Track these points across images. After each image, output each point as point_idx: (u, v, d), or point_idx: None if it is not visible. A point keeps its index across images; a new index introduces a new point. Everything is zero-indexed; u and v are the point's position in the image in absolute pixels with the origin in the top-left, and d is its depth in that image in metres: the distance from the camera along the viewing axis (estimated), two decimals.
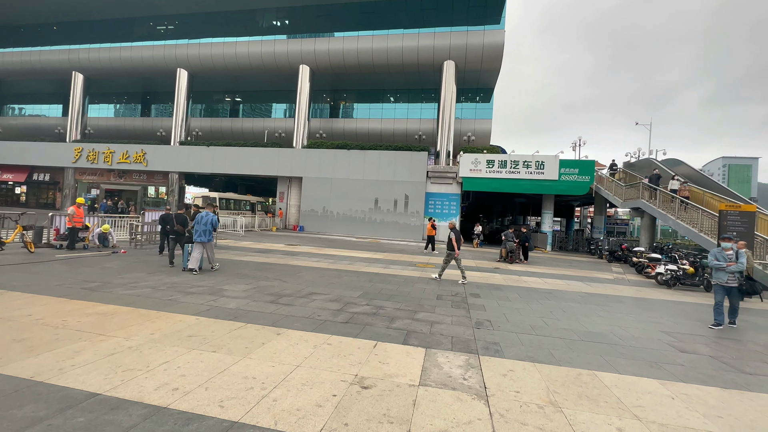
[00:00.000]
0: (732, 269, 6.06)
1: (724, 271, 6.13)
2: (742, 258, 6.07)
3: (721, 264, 6.14)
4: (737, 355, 4.74)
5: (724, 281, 6.15)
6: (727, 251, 6.22)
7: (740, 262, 6.04)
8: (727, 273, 6.12)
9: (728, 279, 6.13)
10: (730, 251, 6.20)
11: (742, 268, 6.13)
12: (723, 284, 6.17)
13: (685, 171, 19.40)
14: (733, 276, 6.14)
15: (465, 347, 4.32)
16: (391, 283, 8.26)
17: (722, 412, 3.15)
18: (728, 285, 6.13)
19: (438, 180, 23.62)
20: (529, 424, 2.72)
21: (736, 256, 6.11)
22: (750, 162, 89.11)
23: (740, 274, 6.27)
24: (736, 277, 6.18)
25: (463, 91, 31.13)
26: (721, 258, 6.19)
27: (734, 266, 6.05)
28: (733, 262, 6.07)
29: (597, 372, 3.83)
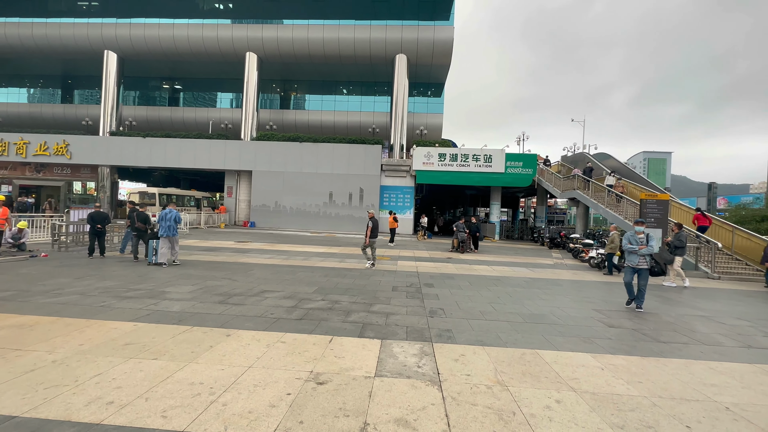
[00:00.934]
0: (643, 252, 6.17)
1: (636, 254, 6.24)
2: (652, 241, 6.23)
3: (633, 247, 6.23)
4: (654, 327, 5.38)
5: (635, 263, 6.25)
6: (639, 235, 6.33)
7: (651, 245, 6.20)
8: (638, 256, 6.24)
9: (639, 261, 6.23)
10: (642, 235, 6.32)
11: (653, 251, 6.23)
12: (634, 266, 6.28)
13: (613, 164, 21.43)
14: (644, 258, 6.23)
15: (419, 336, 4.44)
16: (346, 277, 8.23)
17: (642, 377, 3.56)
18: (639, 267, 6.24)
19: (392, 173, 23.86)
20: (478, 404, 2.87)
21: (647, 239, 6.26)
22: (665, 156, 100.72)
23: (650, 257, 6.30)
24: (647, 260, 6.25)
25: (415, 85, 31.56)
26: (634, 241, 6.28)
27: (645, 249, 6.17)
28: (644, 245, 6.20)
29: (539, 350, 4.14)
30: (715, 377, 3.65)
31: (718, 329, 5.42)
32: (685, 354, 4.30)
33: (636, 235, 6.34)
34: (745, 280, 10.72)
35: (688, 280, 9.33)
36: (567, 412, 2.82)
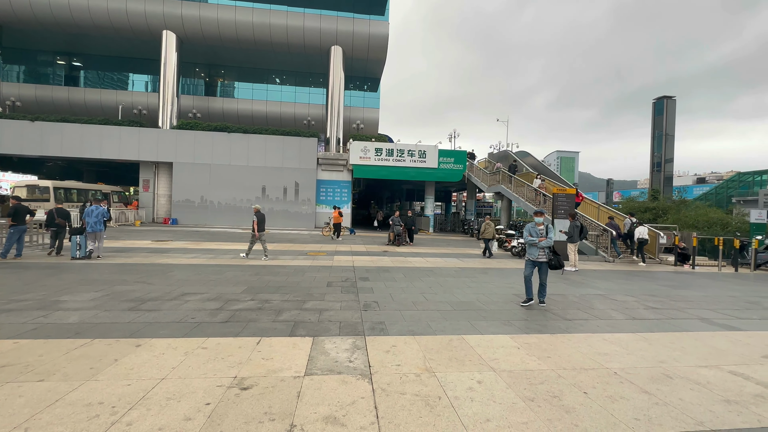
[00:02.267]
0: (542, 244, 5.82)
1: (536, 246, 5.89)
2: (551, 233, 5.92)
3: (533, 239, 5.89)
4: (562, 307, 6.05)
5: (535, 257, 5.91)
6: (539, 226, 6.03)
7: (549, 237, 5.87)
8: (538, 248, 5.90)
9: (539, 254, 5.88)
10: (542, 226, 6.03)
11: (551, 243, 5.91)
12: (534, 260, 5.94)
13: (531, 161, 23.61)
14: (543, 251, 5.89)
15: (352, 330, 4.44)
16: (279, 274, 7.92)
17: (551, 353, 3.97)
18: (538, 260, 5.90)
19: (329, 167, 23.48)
20: (407, 392, 2.95)
21: (546, 231, 5.95)
22: (574, 155, 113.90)
23: (549, 249, 5.96)
24: (546, 253, 5.92)
25: (351, 78, 31.34)
26: (535, 233, 5.96)
27: (544, 241, 5.82)
28: (543, 237, 5.88)
29: (465, 336, 4.40)
30: (607, 347, 4.22)
31: (611, 305, 6.28)
32: (586, 328, 4.91)
33: (536, 227, 6.01)
34: (633, 261, 12.61)
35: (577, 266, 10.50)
36: (487, 391, 3.04)
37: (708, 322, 5.46)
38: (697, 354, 4.11)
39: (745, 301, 7.06)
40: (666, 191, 25.25)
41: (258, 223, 10.08)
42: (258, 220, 10.10)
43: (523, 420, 2.62)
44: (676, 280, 9.27)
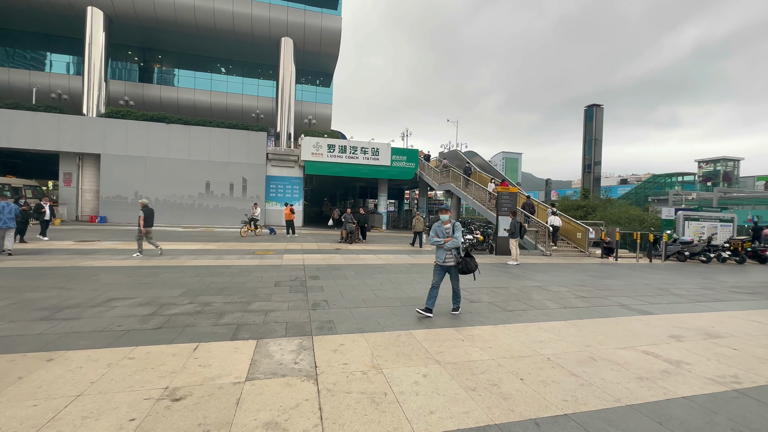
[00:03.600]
0: (449, 246, 5.04)
1: (442, 248, 5.11)
2: (457, 232, 5.13)
3: (439, 240, 5.10)
4: (504, 299, 6.40)
5: (442, 260, 5.13)
6: (446, 225, 5.22)
7: (456, 237, 5.10)
8: (444, 251, 5.10)
9: (446, 257, 5.11)
10: (449, 225, 5.22)
11: (458, 244, 5.12)
12: (441, 264, 5.15)
13: (479, 161, 24.72)
14: (450, 253, 5.13)
15: (299, 331, 4.32)
16: (223, 275, 7.48)
17: (492, 343, 4.18)
18: (445, 264, 5.14)
19: (279, 163, 22.70)
20: (353, 391, 2.92)
21: (453, 230, 5.16)
22: (518, 156, 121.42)
23: (457, 250, 5.18)
24: (454, 255, 5.16)
25: (303, 72, 30.54)
26: (441, 233, 5.15)
27: (450, 242, 5.04)
28: (449, 238, 5.09)
29: (413, 331, 4.47)
30: (542, 334, 4.53)
31: (546, 296, 6.77)
32: (524, 318, 5.23)
33: (442, 226, 5.19)
34: (567, 255, 13.74)
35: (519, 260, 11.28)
36: (431, 384, 3.11)
37: (627, 308, 6.10)
38: (616, 337, 4.57)
39: (656, 288, 8.00)
40: (595, 191, 27.88)
41: (145, 218, 9.48)
42: (145, 216, 9.50)
43: (465, 410, 2.72)
44: (602, 272, 10.24)
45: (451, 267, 5.19)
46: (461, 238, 5.22)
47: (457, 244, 5.11)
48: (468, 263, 5.16)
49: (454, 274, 5.25)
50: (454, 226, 5.19)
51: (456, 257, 5.17)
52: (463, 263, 5.16)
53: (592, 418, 2.69)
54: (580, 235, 14.44)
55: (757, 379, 3.49)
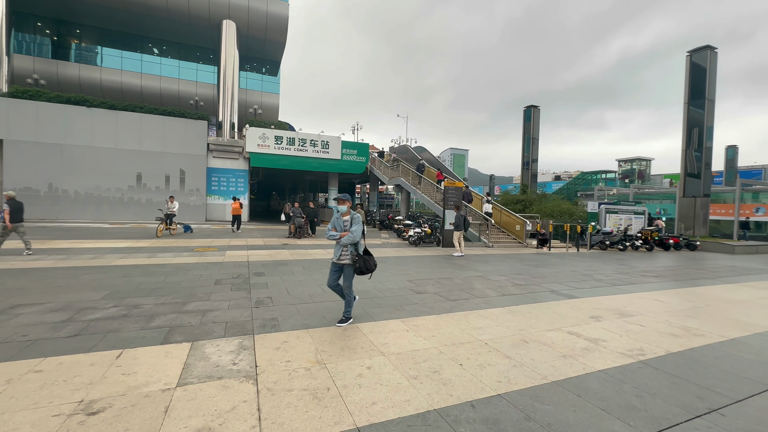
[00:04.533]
0: (345, 241, 4.38)
1: (338, 244, 4.46)
2: (355, 226, 4.45)
3: (334, 235, 4.47)
4: (448, 289, 6.67)
5: (337, 257, 4.50)
6: (344, 217, 4.55)
7: (353, 231, 4.42)
8: (341, 246, 4.46)
9: (341, 254, 4.46)
10: (347, 217, 4.55)
11: (356, 239, 4.43)
12: (336, 261, 4.51)
13: (428, 156, 25.36)
14: (346, 250, 4.46)
15: (240, 330, 4.12)
16: (155, 274, 6.90)
17: (435, 332, 4.33)
18: (341, 262, 4.48)
19: (222, 154, 21.36)
20: (294, 389, 2.86)
21: (351, 223, 4.50)
22: (465, 153, 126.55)
23: (355, 247, 4.49)
24: (350, 252, 4.46)
25: (248, 59, 28.96)
26: (339, 226, 4.53)
27: (346, 237, 4.38)
28: (346, 232, 4.44)
29: (358, 324, 4.49)
30: (481, 321, 4.80)
31: (487, 285, 7.17)
32: (466, 307, 5.49)
33: (340, 218, 4.56)
34: (508, 246, 14.66)
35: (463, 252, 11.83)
36: (375, 375, 3.14)
37: (556, 294, 6.66)
38: (546, 320, 4.98)
39: (581, 275, 8.84)
40: (532, 186, 30.01)
41: (11, 212, 8.37)
42: (11, 209, 8.40)
43: (406, 398, 2.79)
44: (536, 261, 11.08)
45: (345, 265, 4.51)
46: (361, 233, 4.51)
47: (355, 239, 4.42)
48: (367, 262, 4.50)
49: (347, 274, 4.51)
50: (353, 219, 4.52)
51: (352, 255, 4.48)
52: (360, 262, 4.46)
53: (522, 395, 2.90)
54: (518, 227, 15.47)
55: (657, 351, 4.01)
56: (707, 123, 19.08)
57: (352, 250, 4.48)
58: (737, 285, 8.31)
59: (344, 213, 4.57)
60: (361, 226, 4.51)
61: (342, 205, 4.55)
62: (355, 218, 4.51)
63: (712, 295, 7.08)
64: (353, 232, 4.42)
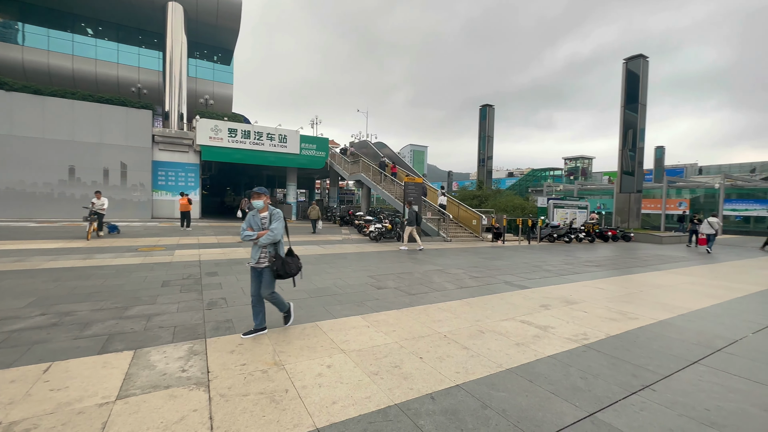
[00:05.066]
0: (263, 241, 3.80)
1: (256, 245, 3.88)
2: (275, 223, 3.89)
3: (251, 235, 3.85)
4: (408, 283, 6.75)
5: (255, 260, 3.92)
6: (262, 213, 3.95)
7: (273, 229, 3.83)
8: (258, 248, 3.89)
9: (260, 257, 3.90)
10: (265, 213, 3.95)
11: (276, 238, 3.85)
12: (255, 265, 3.92)
13: (388, 152, 25.47)
14: (265, 251, 3.91)
15: (190, 334, 3.87)
16: (92, 277, 6.29)
17: (396, 327, 4.36)
18: (260, 266, 3.90)
19: (170, 147, 19.97)
20: (250, 393, 2.73)
21: (270, 220, 3.91)
22: (424, 149, 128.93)
23: (275, 247, 3.93)
24: (269, 253, 3.90)
25: (197, 45, 27.22)
26: (256, 225, 3.92)
27: (265, 237, 3.80)
28: (264, 231, 3.85)
29: (318, 322, 4.40)
30: (440, 314, 4.91)
31: (446, 278, 7.36)
32: (426, 300, 5.59)
33: (257, 215, 3.96)
34: (465, 240, 15.16)
35: (422, 245, 12.11)
36: (335, 374, 3.09)
37: (510, 285, 6.99)
38: (500, 310, 5.20)
39: (532, 266, 9.36)
40: (488, 182, 31.27)
41: None
42: None
43: (367, 395, 2.77)
44: (492, 254, 11.57)
45: (264, 270, 3.92)
46: (282, 231, 3.94)
47: (275, 237, 3.84)
48: (287, 265, 3.93)
49: (266, 279, 3.91)
50: (273, 216, 3.94)
51: (270, 256, 3.89)
52: (278, 263, 3.87)
53: (479, 384, 3.00)
54: (475, 222, 16.05)
55: (598, 334, 4.34)
56: (640, 125, 20.96)
57: (271, 251, 3.91)
58: (664, 272, 9.24)
59: (261, 209, 3.97)
60: (282, 223, 3.96)
61: (257, 200, 3.94)
62: (274, 214, 3.96)
63: (644, 282, 7.81)
64: (273, 230, 3.83)
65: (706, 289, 7.26)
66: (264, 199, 3.97)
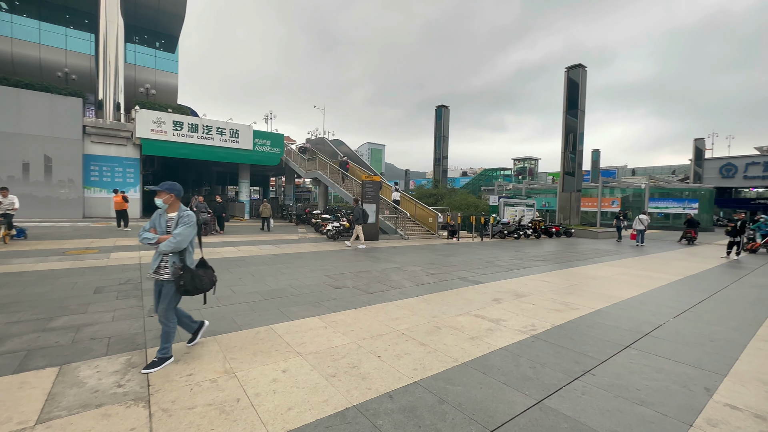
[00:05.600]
0: (163, 248, 3.07)
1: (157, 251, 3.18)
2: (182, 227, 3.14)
3: (149, 239, 3.12)
4: (367, 282, 6.73)
5: (153, 270, 3.23)
6: (169, 214, 3.25)
7: (176, 234, 3.09)
8: (159, 255, 3.18)
9: (160, 266, 3.19)
10: (172, 214, 3.25)
11: (179, 245, 3.10)
12: (153, 276, 3.23)
13: (346, 150, 25.26)
14: (166, 261, 3.18)
15: (128, 345, 3.54)
16: (6, 286, 5.53)
17: (354, 326, 4.31)
18: (161, 278, 3.20)
19: (104, 139, 18.20)
20: (197, 405, 2.55)
21: (177, 223, 3.17)
22: (382, 147, 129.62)
23: (179, 256, 3.20)
24: (171, 264, 3.16)
25: (137, 30, 25.05)
26: (161, 227, 3.20)
27: (165, 243, 3.07)
28: (167, 236, 3.13)
29: (273, 325, 4.23)
30: (398, 312, 4.94)
31: (403, 276, 7.44)
32: (384, 299, 5.60)
33: (163, 216, 3.25)
34: (422, 237, 15.45)
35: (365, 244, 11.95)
36: (291, 378, 2.98)
37: (464, 280, 7.23)
38: (456, 306, 5.36)
39: (485, 262, 9.77)
40: (443, 181, 32.18)
41: None
42: None
43: (324, 398, 2.70)
44: (447, 251, 11.91)
45: (165, 283, 3.20)
46: (189, 238, 3.20)
47: (178, 245, 3.10)
48: (196, 277, 3.24)
49: (166, 293, 3.21)
50: (180, 218, 3.20)
51: (175, 267, 3.17)
52: (186, 277, 3.16)
53: (436, 380, 3.05)
54: (431, 220, 16.43)
55: (545, 325, 4.62)
56: (579, 130, 22.69)
57: (175, 261, 3.18)
58: (600, 264, 10.09)
59: (168, 208, 3.27)
60: (191, 229, 3.20)
61: (158, 198, 3.22)
62: (183, 217, 3.21)
63: (583, 274, 8.47)
64: (176, 235, 3.09)
65: (635, 279, 8.04)
66: (166, 198, 3.22)
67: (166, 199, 3.25)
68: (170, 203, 3.28)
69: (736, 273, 9.34)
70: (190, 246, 3.33)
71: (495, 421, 2.50)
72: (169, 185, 3.27)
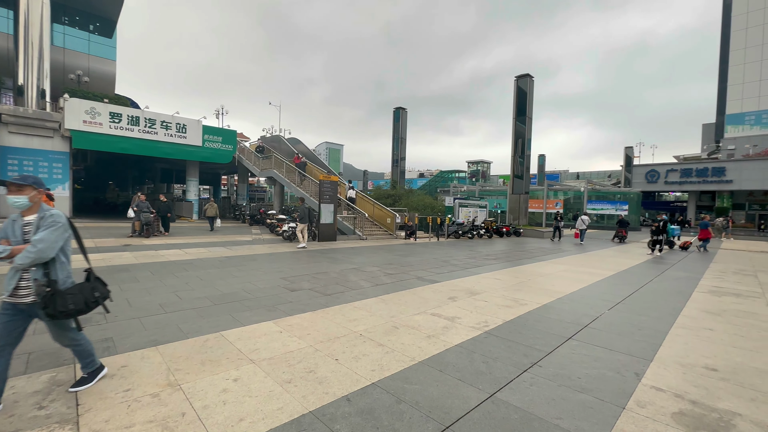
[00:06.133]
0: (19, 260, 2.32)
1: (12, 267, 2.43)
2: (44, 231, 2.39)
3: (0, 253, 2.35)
4: (324, 284, 6.61)
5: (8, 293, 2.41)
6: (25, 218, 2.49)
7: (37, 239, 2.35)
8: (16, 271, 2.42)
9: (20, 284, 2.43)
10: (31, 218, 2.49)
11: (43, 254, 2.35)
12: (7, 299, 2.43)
13: (303, 149, 24.71)
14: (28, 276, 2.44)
15: (53, 361, 3.16)
16: None
17: (311, 330, 4.21)
18: (20, 301, 2.44)
19: (24, 129, 16.20)
20: (135, 423, 2.33)
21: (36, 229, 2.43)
22: (340, 147, 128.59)
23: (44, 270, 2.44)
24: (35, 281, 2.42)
25: (67, 10, 22.62)
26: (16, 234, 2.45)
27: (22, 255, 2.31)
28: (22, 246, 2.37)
29: (223, 332, 4.00)
30: (356, 313, 4.91)
31: (361, 276, 7.41)
32: (341, 300, 5.54)
33: (19, 219, 2.49)
34: (380, 238, 15.53)
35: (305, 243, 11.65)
36: (243, 387, 2.84)
37: (421, 279, 7.37)
38: (413, 305, 5.43)
39: (441, 261, 10.03)
40: (401, 182, 32.64)
41: None
42: None
43: (279, 405, 2.60)
44: (405, 251, 12.08)
45: (31, 307, 2.48)
46: (58, 243, 2.47)
47: (40, 255, 2.35)
48: (67, 300, 2.48)
49: (47, 321, 2.59)
50: (42, 221, 2.46)
51: (40, 286, 2.40)
52: (49, 297, 2.41)
53: (393, 380, 3.07)
54: (389, 220, 16.57)
55: (497, 321, 4.83)
56: (527, 135, 24.13)
57: (38, 277, 2.43)
58: (545, 262, 10.79)
59: (26, 210, 2.49)
60: (58, 233, 2.45)
61: (15, 195, 2.43)
62: (47, 218, 2.46)
63: (531, 271, 9.00)
64: (38, 242, 2.34)
65: (576, 275, 8.69)
66: (25, 195, 2.43)
67: (32, 197, 2.46)
68: (35, 202, 2.49)
69: (659, 268, 10.44)
70: (63, 255, 2.57)
71: (451, 416, 2.56)
72: (31, 179, 2.48)
